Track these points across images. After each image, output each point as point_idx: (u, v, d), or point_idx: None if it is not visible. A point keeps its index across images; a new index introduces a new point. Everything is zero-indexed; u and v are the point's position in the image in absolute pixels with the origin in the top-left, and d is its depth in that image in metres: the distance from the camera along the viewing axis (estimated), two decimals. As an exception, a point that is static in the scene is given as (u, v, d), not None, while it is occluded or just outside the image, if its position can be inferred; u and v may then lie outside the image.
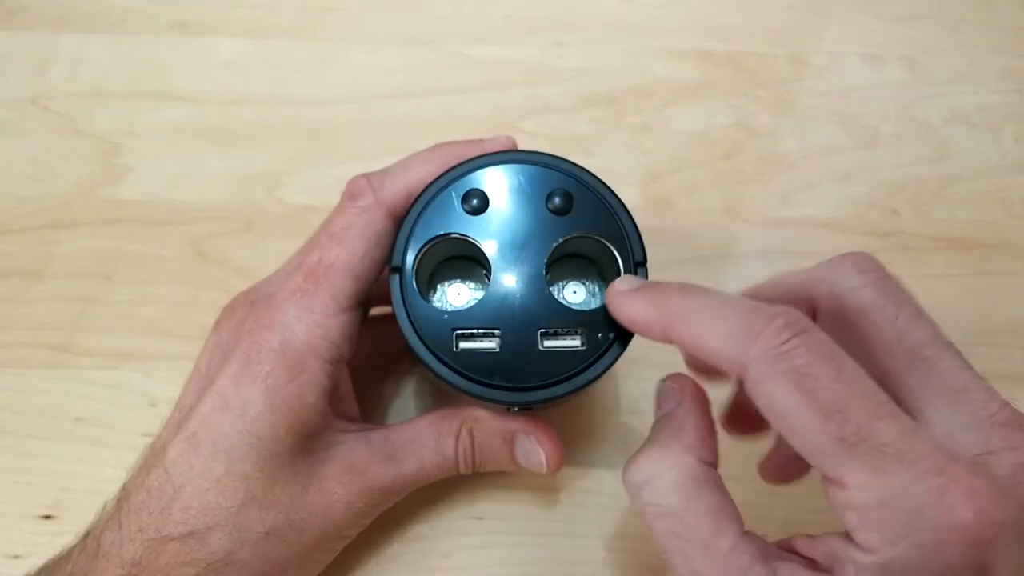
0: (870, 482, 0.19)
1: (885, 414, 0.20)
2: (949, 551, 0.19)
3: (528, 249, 0.26)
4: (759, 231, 0.40)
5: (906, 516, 0.19)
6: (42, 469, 0.33)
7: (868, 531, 0.19)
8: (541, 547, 0.32)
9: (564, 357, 0.25)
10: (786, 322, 0.21)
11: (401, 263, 0.26)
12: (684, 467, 0.22)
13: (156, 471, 0.26)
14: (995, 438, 0.21)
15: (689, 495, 0.22)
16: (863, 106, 0.44)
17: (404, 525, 0.32)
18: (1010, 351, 0.38)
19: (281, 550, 0.26)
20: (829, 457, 0.20)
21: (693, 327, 0.22)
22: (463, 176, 0.27)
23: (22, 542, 0.31)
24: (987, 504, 0.19)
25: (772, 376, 0.20)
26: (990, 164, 0.42)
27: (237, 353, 0.26)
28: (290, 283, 0.27)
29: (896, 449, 0.19)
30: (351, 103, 0.43)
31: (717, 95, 0.44)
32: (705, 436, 0.23)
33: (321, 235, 0.28)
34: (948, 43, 0.46)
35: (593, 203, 0.26)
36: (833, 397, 0.20)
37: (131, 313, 0.37)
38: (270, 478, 0.26)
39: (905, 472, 0.19)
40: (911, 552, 0.19)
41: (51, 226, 0.39)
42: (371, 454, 0.28)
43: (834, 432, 0.19)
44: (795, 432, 0.20)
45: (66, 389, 0.35)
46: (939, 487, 0.19)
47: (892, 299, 0.23)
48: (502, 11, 0.46)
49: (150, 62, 0.43)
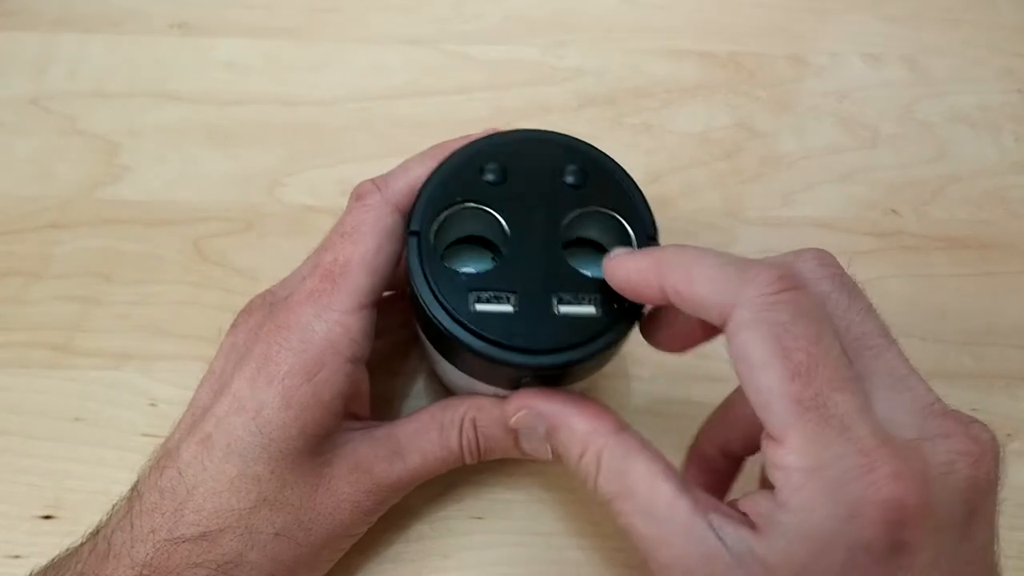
0: (806, 447, 0.20)
1: (846, 388, 0.20)
2: (865, 526, 0.19)
3: (544, 218, 0.26)
4: (759, 231, 0.40)
5: (829, 485, 0.20)
6: (42, 469, 0.33)
7: (791, 492, 0.20)
8: (541, 547, 0.32)
9: (579, 323, 0.25)
10: (781, 275, 0.21)
11: (420, 227, 0.26)
12: (604, 448, 0.24)
13: (169, 472, 0.26)
14: (932, 425, 0.21)
15: (620, 472, 0.23)
16: (863, 106, 0.44)
17: (404, 525, 0.32)
18: (1010, 351, 0.38)
19: (290, 551, 0.26)
20: (779, 415, 0.20)
21: (688, 272, 0.22)
22: (481, 149, 0.27)
23: (22, 542, 0.31)
24: (911, 487, 0.19)
25: (754, 324, 0.20)
26: (990, 164, 0.42)
27: (254, 355, 0.26)
28: (307, 285, 0.27)
29: (841, 423, 0.20)
30: (351, 103, 0.43)
31: (717, 95, 0.44)
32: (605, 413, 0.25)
33: (333, 236, 0.28)
34: (948, 43, 0.46)
35: (606, 180, 0.27)
36: (805, 359, 0.20)
37: (131, 313, 0.37)
38: (280, 479, 0.26)
39: (841, 445, 0.20)
40: (827, 522, 0.20)
41: (51, 226, 0.39)
42: (376, 451, 0.28)
43: (794, 393, 0.20)
44: (756, 384, 0.21)
45: (66, 389, 0.35)
46: (867, 464, 0.19)
47: (847, 292, 0.23)
48: (502, 11, 0.46)
49: (150, 62, 0.43)
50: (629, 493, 0.23)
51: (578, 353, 0.25)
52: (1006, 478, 0.22)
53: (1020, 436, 0.35)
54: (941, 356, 0.37)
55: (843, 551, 0.20)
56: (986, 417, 0.36)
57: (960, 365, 0.37)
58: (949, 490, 0.20)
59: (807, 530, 0.20)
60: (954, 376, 0.37)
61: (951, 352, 0.37)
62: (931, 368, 0.36)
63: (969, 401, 0.36)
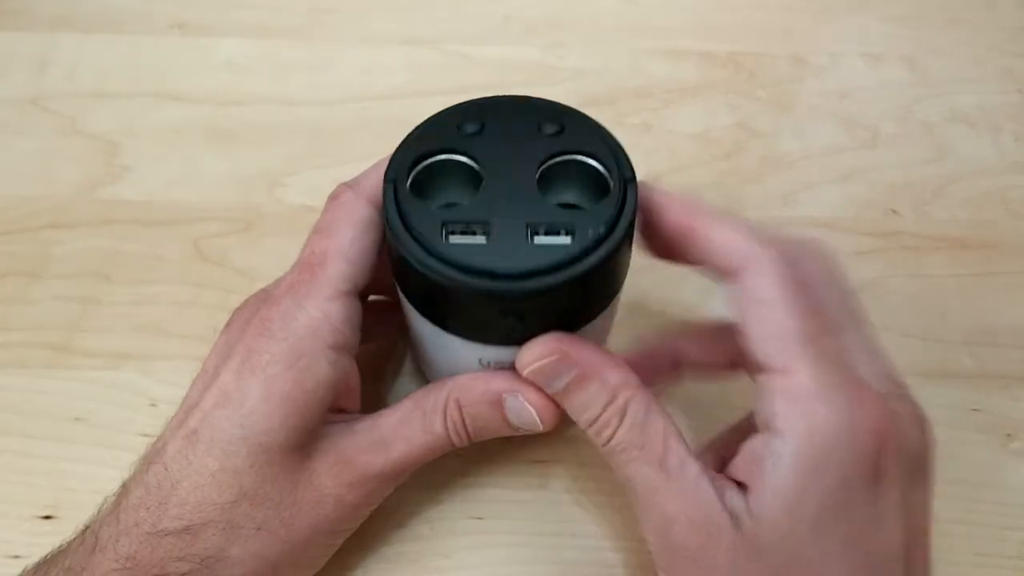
0: (810, 378, 0.23)
1: (839, 336, 0.24)
2: (857, 447, 0.23)
3: (521, 162, 0.26)
4: (759, 231, 0.40)
5: (829, 408, 0.23)
6: (42, 469, 0.33)
7: (794, 418, 0.23)
8: (541, 547, 0.32)
9: (556, 251, 0.25)
10: (789, 243, 0.25)
11: (395, 175, 0.26)
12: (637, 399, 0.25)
13: (155, 467, 0.26)
14: (895, 392, 0.24)
15: (642, 424, 0.24)
16: (863, 106, 0.44)
17: (404, 525, 0.32)
18: (1010, 351, 0.38)
19: (273, 547, 0.26)
20: (786, 346, 0.23)
21: (716, 221, 0.25)
22: (459, 108, 0.28)
23: (22, 542, 0.31)
24: (891, 427, 0.23)
25: (767, 272, 0.24)
26: (990, 164, 0.42)
27: (239, 348, 0.27)
28: (287, 279, 0.27)
29: (838, 360, 0.23)
30: (351, 103, 0.43)
31: (717, 95, 0.44)
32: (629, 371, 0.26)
33: (311, 234, 0.28)
34: (948, 43, 0.46)
35: (582, 131, 0.27)
36: (808, 305, 0.24)
37: (131, 313, 0.37)
38: (260, 474, 0.26)
39: (839, 376, 0.23)
40: (826, 439, 0.22)
41: (51, 226, 0.39)
42: (358, 443, 0.27)
43: (802, 328, 0.23)
44: (764, 319, 0.24)
45: (66, 389, 0.35)
46: (859, 397, 0.23)
47: (839, 273, 0.26)
48: (502, 11, 0.46)
49: (150, 62, 0.43)
50: (647, 445, 0.24)
51: (553, 279, 0.24)
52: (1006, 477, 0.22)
53: (1020, 436, 0.35)
54: (941, 356, 0.37)
55: (835, 472, 0.22)
56: (986, 417, 0.36)
57: (960, 365, 0.37)
58: (909, 442, 0.24)
59: (805, 451, 0.22)
60: (954, 376, 0.37)
61: (951, 352, 0.37)
62: (931, 368, 0.37)
63: (969, 401, 0.36)
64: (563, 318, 0.26)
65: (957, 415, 0.36)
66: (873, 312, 0.26)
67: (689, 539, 0.23)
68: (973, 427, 0.36)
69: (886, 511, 0.23)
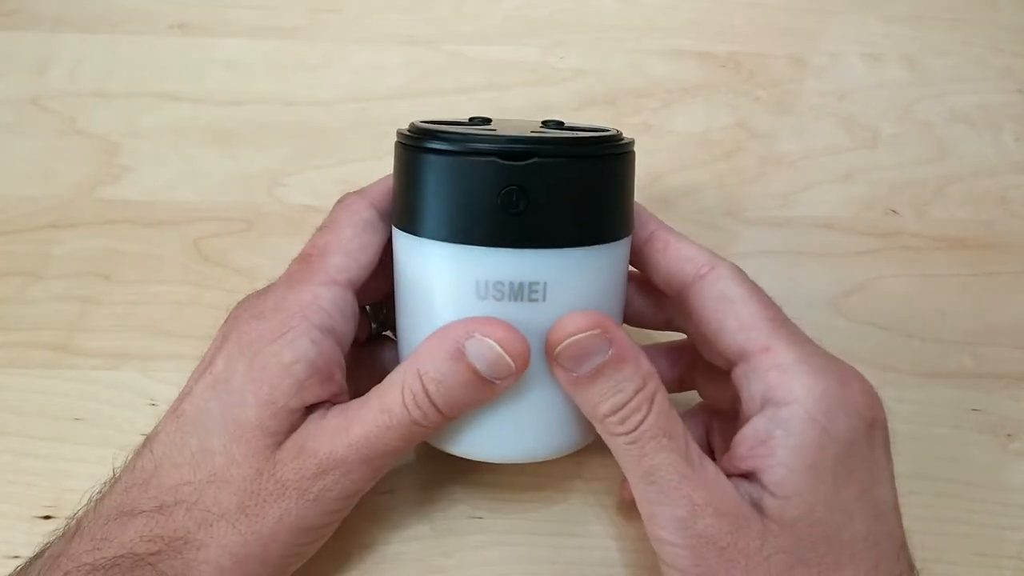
0: (791, 348, 0.25)
1: (795, 323, 0.27)
2: (856, 394, 0.25)
3: (523, 125, 0.29)
4: (759, 231, 0.40)
5: (821, 373, 0.25)
6: (42, 469, 0.33)
7: (793, 385, 0.25)
8: (541, 547, 0.32)
9: (560, 136, 0.26)
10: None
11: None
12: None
13: (143, 452, 0.27)
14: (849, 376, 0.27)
15: (668, 414, 0.25)
16: (863, 106, 0.44)
17: (404, 525, 0.32)
18: (1010, 351, 0.38)
19: (235, 537, 0.25)
20: (760, 332, 0.26)
21: (675, 235, 0.29)
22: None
23: (22, 542, 0.31)
24: (873, 388, 0.26)
25: (734, 275, 0.27)
26: (990, 164, 0.42)
27: (233, 334, 0.27)
28: (287, 271, 0.28)
29: (804, 337, 0.27)
30: (351, 103, 0.43)
31: (717, 95, 0.44)
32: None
33: (314, 233, 0.29)
34: (948, 43, 0.45)
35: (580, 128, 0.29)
36: (768, 300, 0.27)
37: (131, 313, 0.37)
38: (229, 455, 0.25)
39: (816, 350, 0.26)
40: (829, 398, 0.25)
41: (51, 226, 0.39)
42: (323, 431, 0.26)
43: (769, 315, 0.26)
44: (738, 312, 0.26)
45: (66, 389, 0.35)
46: (840, 366, 0.26)
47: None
48: (502, 11, 0.46)
49: (150, 62, 0.43)
50: (675, 434, 0.25)
51: (560, 149, 0.25)
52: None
53: (1020, 436, 0.35)
54: (941, 356, 0.37)
55: (843, 426, 0.24)
56: (986, 417, 0.36)
57: (960, 365, 0.37)
58: (883, 408, 0.26)
59: (813, 409, 0.24)
60: (954, 376, 0.37)
61: (951, 352, 0.37)
62: (931, 368, 0.37)
63: (969, 401, 0.36)
64: (572, 214, 0.25)
65: (957, 415, 0.36)
66: (873, 312, 0.26)
67: (718, 529, 0.24)
68: (973, 427, 0.36)
69: (881, 466, 0.25)
